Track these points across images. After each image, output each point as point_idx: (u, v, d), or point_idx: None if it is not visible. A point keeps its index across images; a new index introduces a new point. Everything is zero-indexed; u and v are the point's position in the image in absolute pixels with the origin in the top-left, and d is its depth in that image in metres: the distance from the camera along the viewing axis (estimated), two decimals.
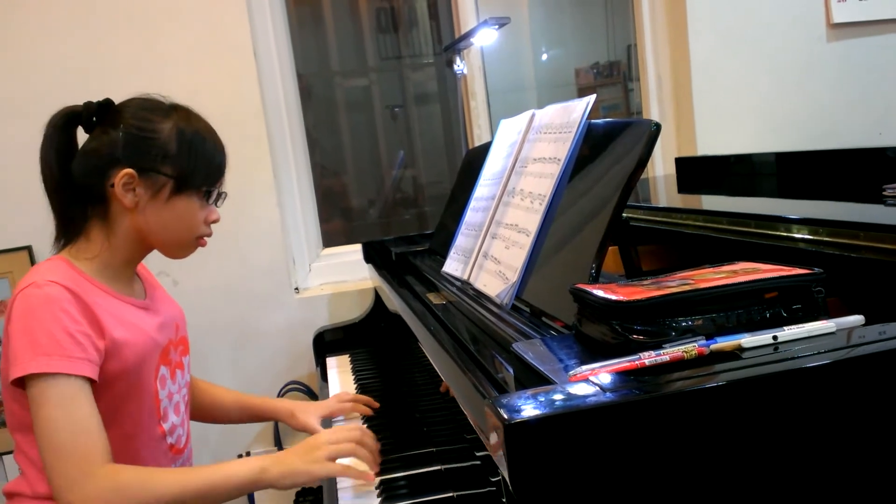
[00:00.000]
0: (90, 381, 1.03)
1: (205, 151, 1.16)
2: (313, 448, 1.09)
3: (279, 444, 2.01)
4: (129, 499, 0.98)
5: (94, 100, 1.15)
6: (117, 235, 1.14)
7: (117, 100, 1.18)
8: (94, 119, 1.14)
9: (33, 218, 1.87)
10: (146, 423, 1.12)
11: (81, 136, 1.17)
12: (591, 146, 1.02)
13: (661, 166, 2.37)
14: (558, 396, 0.60)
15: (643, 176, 2.29)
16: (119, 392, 1.08)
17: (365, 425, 1.34)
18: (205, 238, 1.20)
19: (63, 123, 1.13)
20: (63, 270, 1.08)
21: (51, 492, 1.04)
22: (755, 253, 0.91)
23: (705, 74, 2.22)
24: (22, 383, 1.02)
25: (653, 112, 2.35)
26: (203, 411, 1.41)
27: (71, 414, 1.00)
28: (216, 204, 1.21)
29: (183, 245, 1.18)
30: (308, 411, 1.39)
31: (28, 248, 1.92)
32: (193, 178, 1.14)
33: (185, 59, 1.95)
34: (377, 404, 1.39)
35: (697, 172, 1.91)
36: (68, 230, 1.14)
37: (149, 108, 1.14)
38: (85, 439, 1.00)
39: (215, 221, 1.20)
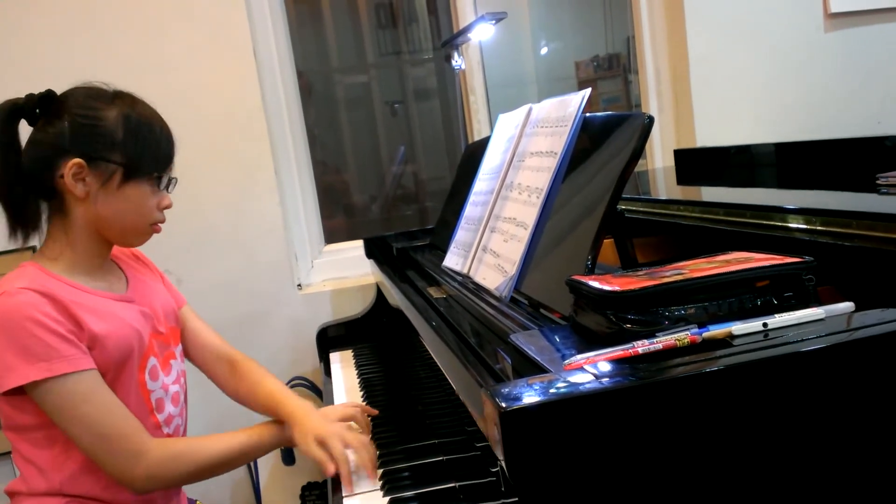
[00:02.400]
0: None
1: (152, 137, 1.13)
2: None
3: None
4: (184, 464, 1.10)
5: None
6: (75, 230, 1.12)
7: None
8: (38, 111, 1.11)
9: None
10: (136, 414, 1.12)
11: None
12: (587, 139, 1.03)
13: (660, 158, 2.37)
14: (553, 384, 0.61)
15: (642, 168, 2.31)
16: (107, 383, 1.09)
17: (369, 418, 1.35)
18: (159, 224, 1.18)
19: (6, 116, 1.10)
20: (31, 275, 1.08)
21: (47, 488, 1.09)
22: (751, 243, 0.92)
23: (704, 66, 2.23)
24: (19, 389, 1.03)
25: (651, 104, 2.35)
26: (239, 398, 1.36)
27: (102, 403, 1.05)
28: (167, 190, 1.18)
29: (138, 232, 1.16)
30: (307, 433, 1.17)
31: (33, 249, 1.93)
32: (142, 164, 1.12)
33: (185, 59, 1.96)
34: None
35: (696, 164, 1.92)
36: (22, 225, 1.12)
37: (93, 96, 1.12)
38: (127, 420, 1.07)
39: (167, 207, 1.18)
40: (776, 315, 0.69)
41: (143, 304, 1.20)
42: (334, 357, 1.89)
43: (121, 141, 1.09)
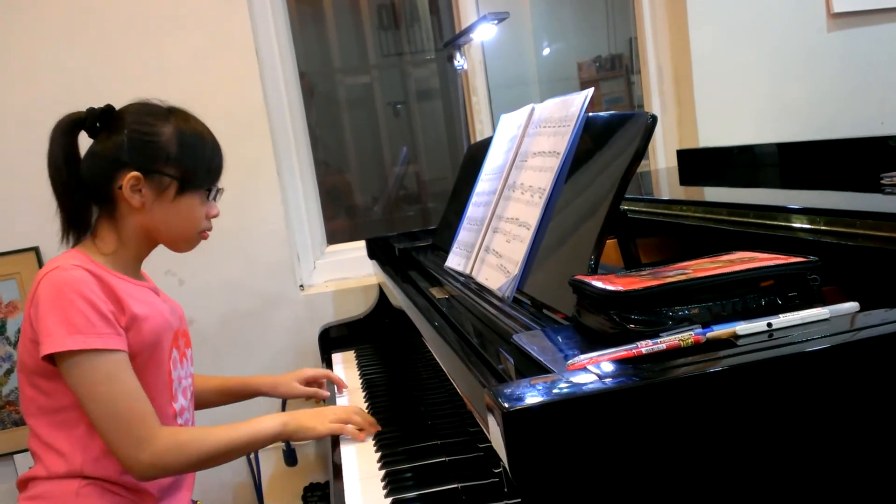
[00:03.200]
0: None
1: (204, 151, 1.22)
2: (320, 413, 1.26)
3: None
4: (189, 453, 1.13)
5: (98, 103, 1.20)
6: (126, 233, 1.20)
7: (121, 102, 1.22)
8: (98, 125, 1.19)
9: (40, 219, 1.90)
10: (160, 400, 1.19)
11: (84, 142, 1.21)
12: (590, 139, 1.03)
13: (662, 159, 2.37)
14: (556, 384, 0.61)
15: (645, 168, 2.31)
16: (138, 366, 1.14)
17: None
18: (207, 232, 1.27)
19: (68, 129, 1.18)
20: (81, 258, 1.15)
21: (67, 470, 1.13)
22: (755, 243, 0.92)
23: (706, 66, 2.23)
24: (51, 361, 1.09)
25: (654, 105, 2.35)
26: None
27: (122, 385, 1.10)
28: (215, 199, 1.27)
29: (188, 240, 1.25)
30: (288, 380, 1.53)
31: (35, 249, 1.94)
32: (196, 177, 1.20)
33: (188, 61, 1.96)
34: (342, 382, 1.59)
35: (699, 164, 1.91)
36: (76, 228, 1.20)
37: (149, 112, 1.20)
38: (142, 405, 1.11)
39: (215, 216, 1.27)
40: (780, 315, 0.68)
41: (168, 302, 1.29)
42: (336, 358, 1.89)
43: (175, 155, 1.18)
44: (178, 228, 1.22)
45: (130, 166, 1.16)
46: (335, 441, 1.29)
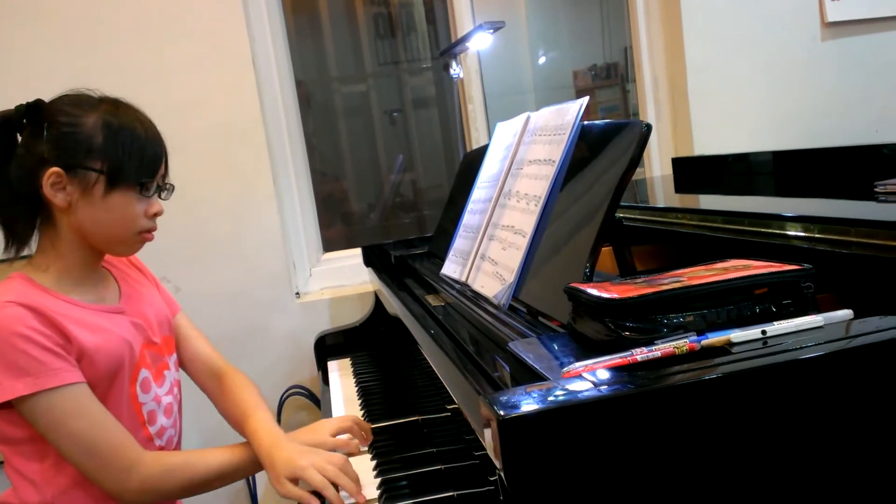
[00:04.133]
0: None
1: (135, 143, 1.09)
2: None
3: None
4: (179, 478, 1.08)
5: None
6: (62, 240, 1.10)
7: None
8: (24, 121, 1.08)
9: None
10: (127, 427, 1.10)
11: None
12: (585, 148, 1.03)
13: (657, 167, 2.38)
14: (552, 392, 0.61)
15: (640, 176, 2.31)
16: (97, 397, 1.07)
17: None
18: (150, 233, 1.14)
19: None
20: (18, 288, 1.06)
21: (38, 501, 1.07)
22: (749, 251, 0.92)
23: (701, 75, 2.24)
24: (7, 404, 1.02)
25: (649, 113, 2.36)
26: (224, 416, 1.34)
27: (92, 418, 1.03)
28: (160, 196, 1.15)
29: (124, 241, 1.13)
30: (279, 476, 1.11)
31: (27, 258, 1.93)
32: (125, 171, 1.08)
33: (185, 69, 1.96)
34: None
35: (694, 172, 1.92)
36: (15, 238, 1.11)
37: (75, 103, 1.09)
38: (118, 434, 1.05)
39: (157, 214, 1.14)
40: (775, 323, 0.69)
41: (136, 314, 1.18)
42: (332, 365, 1.88)
43: (100, 147, 1.06)
44: (111, 229, 1.10)
45: (51, 162, 1.04)
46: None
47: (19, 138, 1.09)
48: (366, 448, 1.26)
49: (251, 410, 1.22)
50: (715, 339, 0.67)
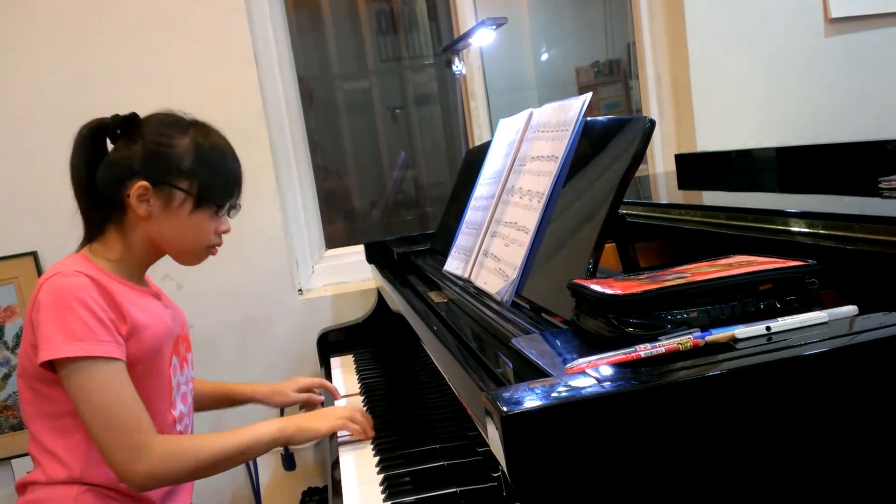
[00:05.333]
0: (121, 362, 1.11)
1: (222, 167, 1.21)
2: (321, 413, 1.28)
3: None
4: (186, 461, 1.12)
5: (99, 111, 1.21)
6: (133, 241, 1.20)
7: (121, 109, 1.21)
8: (119, 131, 1.19)
9: (39, 224, 1.90)
10: (159, 407, 1.18)
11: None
12: (588, 144, 1.03)
13: (661, 163, 2.37)
14: (555, 388, 0.61)
15: (643, 173, 2.31)
16: (138, 374, 1.14)
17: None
18: (215, 247, 1.26)
19: (91, 134, 1.18)
20: (84, 263, 1.15)
21: (66, 476, 1.12)
22: (753, 247, 0.92)
23: (704, 71, 2.23)
24: (51, 367, 1.09)
25: (652, 109, 2.35)
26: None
27: (119, 393, 1.09)
28: (229, 215, 1.26)
29: (193, 254, 1.24)
30: (283, 389, 1.53)
31: (34, 254, 1.94)
32: (211, 193, 1.20)
33: (189, 68, 1.96)
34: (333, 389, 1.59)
35: (697, 169, 1.92)
36: (90, 230, 1.21)
37: (168, 124, 1.20)
38: (137, 414, 1.10)
39: (225, 232, 1.26)
40: (779, 318, 0.68)
41: (170, 307, 1.28)
42: (335, 362, 1.89)
43: (189, 169, 1.17)
44: (185, 242, 1.22)
45: (141, 175, 1.15)
46: (333, 447, 1.29)
47: (110, 145, 1.20)
48: (371, 437, 1.28)
49: (230, 384, 1.46)
50: (719, 335, 0.67)
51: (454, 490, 1.07)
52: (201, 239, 1.22)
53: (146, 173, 1.16)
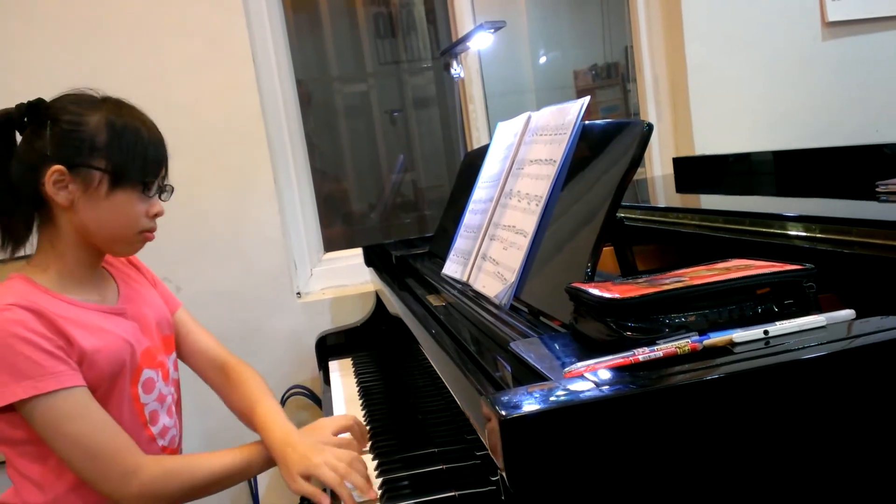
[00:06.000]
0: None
1: (138, 143, 1.09)
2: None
3: None
4: (179, 482, 1.07)
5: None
6: (62, 239, 1.10)
7: None
8: (26, 119, 1.08)
9: None
10: (129, 429, 1.10)
11: None
12: (586, 147, 1.03)
13: (658, 167, 2.38)
14: (553, 392, 0.61)
15: (641, 176, 2.31)
16: (98, 399, 1.07)
17: (368, 427, 1.35)
18: (151, 232, 1.15)
19: None
20: (18, 289, 1.06)
21: (42, 501, 1.07)
22: (751, 250, 0.92)
23: (701, 75, 2.24)
24: (8, 407, 1.02)
25: (650, 113, 2.36)
26: (231, 408, 1.34)
27: (92, 421, 1.03)
28: (160, 197, 1.15)
29: (125, 241, 1.13)
30: (292, 473, 1.10)
31: (28, 258, 1.93)
32: (128, 170, 1.08)
33: (185, 68, 1.96)
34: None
35: (695, 172, 1.92)
36: (11, 237, 1.11)
37: (77, 102, 1.09)
38: (118, 438, 1.05)
39: (158, 215, 1.14)
40: (777, 322, 0.69)
41: (136, 315, 1.18)
42: (333, 365, 1.88)
43: (102, 146, 1.07)
44: (113, 228, 1.10)
45: (54, 160, 1.04)
46: None
47: (19, 137, 1.09)
48: (366, 449, 1.26)
49: (259, 402, 1.22)
50: (717, 338, 0.67)
51: (452, 494, 1.07)
52: (130, 223, 1.11)
53: (59, 157, 1.04)
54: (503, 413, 0.58)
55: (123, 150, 1.08)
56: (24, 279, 1.09)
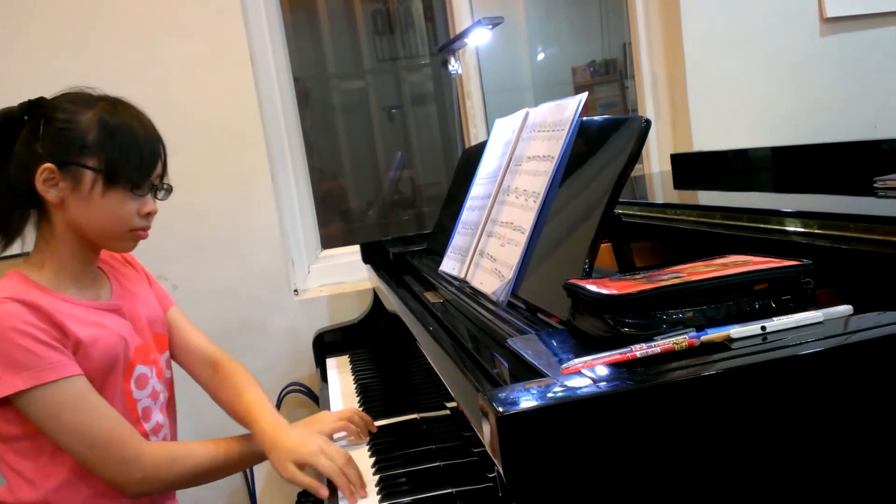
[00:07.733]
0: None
1: (132, 142, 1.09)
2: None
3: None
4: (181, 467, 1.09)
5: None
6: (56, 237, 1.10)
7: None
8: (25, 118, 1.09)
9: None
10: None
11: None
12: (584, 143, 1.03)
13: (656, 163, 2.37)
14: (551, 389, 0.61)
15: (639, 173, 2.31)
16: None
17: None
18: (144, 231, 1.14)
19: None
20: (13, 285, 1.07)
21: (34, 498, 1.07)
22: (749, 246, 0.92)
23: (700, 71, 2.23)
24: (4, 400, 1.03)
25: (648, 109, 2.36)
26: (221, 405, 1.34)
27: (92, 410, 1.04)
28: (158, 196, 1.15)
29: (116, 238, 1.13)
30: (283, 461, 1.10)
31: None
32: (120, 170, 1.08)
33: (183, 66, 1.96)
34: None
35: (693, 168, 1.92)
36: (6, 234, 1.11)
37: (72, 100, 1.10)
38: (119, 425, 1.06)
39: (150, 214, 1.14)
40: (774, 318, 0.68)
41: (129, 312, 1.19)
42: (331, 363, 1.88)
43: (93, 144, 1.06)
44: (103, 225, 1.10)
45: (45, 158, 1.05)
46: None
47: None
48: (367, 440, 1.26)
49: (247, 396, 1.23)
50: (714, 334, 0.67)
51: (450, 491, 1.07)
52: (122, 222, 1.10)
53: (50, 155, 1.05)
54: (500, 410, 0.58)
55: (115, 148, 1.08)
56: (19, 276, 1.09)
